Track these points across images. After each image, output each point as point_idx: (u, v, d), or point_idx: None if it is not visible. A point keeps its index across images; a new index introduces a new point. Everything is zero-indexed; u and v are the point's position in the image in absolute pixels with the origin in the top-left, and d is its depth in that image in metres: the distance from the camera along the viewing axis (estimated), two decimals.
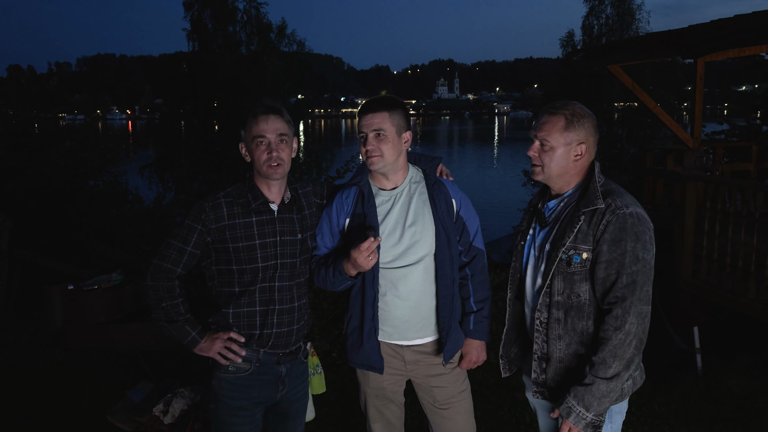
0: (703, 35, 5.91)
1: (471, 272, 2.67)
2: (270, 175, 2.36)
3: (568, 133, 2.18)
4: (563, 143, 2.18)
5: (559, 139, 2.18)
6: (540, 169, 2.24)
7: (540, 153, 2.22)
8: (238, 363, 2.40)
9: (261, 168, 2.36)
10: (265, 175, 2.37)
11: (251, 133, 2.35)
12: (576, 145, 2.19)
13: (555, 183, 2.26)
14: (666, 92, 23.40)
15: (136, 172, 21.18)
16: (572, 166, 2.21)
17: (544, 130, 2.20)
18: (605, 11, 27.72)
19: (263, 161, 2.34)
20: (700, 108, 6.98)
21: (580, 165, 2.22)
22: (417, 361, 2.63)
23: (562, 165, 2.20)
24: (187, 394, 3.57)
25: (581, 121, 2.18)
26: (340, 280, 2.46)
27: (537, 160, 2.24)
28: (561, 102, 2.23)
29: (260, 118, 2.34)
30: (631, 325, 2.03)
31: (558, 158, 2.19)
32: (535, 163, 2.25)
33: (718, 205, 5.92)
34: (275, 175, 2.36)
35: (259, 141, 2.34)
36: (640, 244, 2.07)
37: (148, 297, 2.38)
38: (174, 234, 2.38)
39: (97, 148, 10.45)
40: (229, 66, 21.09)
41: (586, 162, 2.23)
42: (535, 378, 2.31)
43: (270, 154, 2.34)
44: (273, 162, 2.34)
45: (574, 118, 2.18)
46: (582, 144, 2.20)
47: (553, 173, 2.22)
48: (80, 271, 5.86)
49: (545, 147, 2.20)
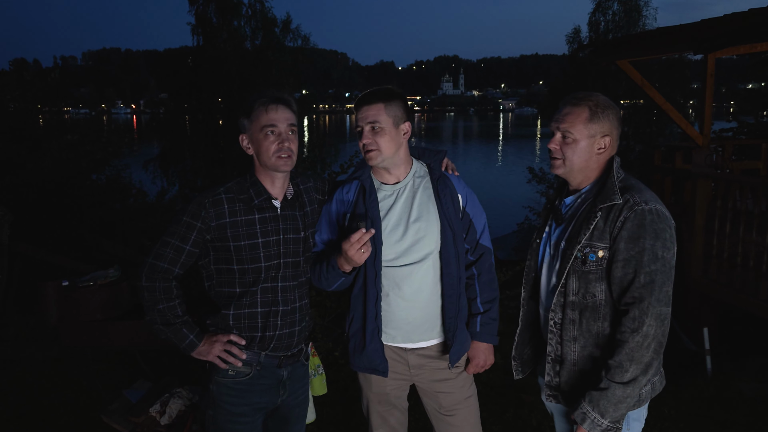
0: (717, 30, 5.78)
1: (478, 271, 2.56)
2: (279, 167, 2.24)
3: (592, 124, 2.08)
4: (587, 135, 2.08)
5: (583, 131, 2.08)
6: (561, 162, 2.13)
7: (561, 145, 2.12)
8: (239, 367, 2.28)
9: (269, 159, 2.23)
10: (273, 167, 2.25)
11: (260, 122, 2.23)
12: (600, 138, 2.09)
13: (575, 178, 2.16)
14: (672, 90, 23.24)
15: (141, 167, 21.13)
16: (594, 159, 2.11)
17: (567, 122, 2.09)
18: (612, 7, 27.56)
19: (273, 152, 2.22)
20: (710, 105, 6.85)
21: (602, 159, 2.12)
22: (422, 365, 2.53)
23: (584, 158, 2.10)
24: (184, 394, 3.49)
25: (605, 113, 2.08)
26: (333, 276, 2.35)
27: (558, 153, 2.13)
28: (583, 93, 2.12)
29: (270, 107, 2.23)
30: (649, 327, 1.93)
31: (581, 151, 2.09)
32: (555, 156, 2.14)
33: (729, 204, 5.80)
34: (284, 167, 2.25)
35: (270, 131, 2.22)
36: (660, 242, 1.96)
37: (143, 298, 2.25)
38: (171, 231, 2.24)
39: (99, 141, 10.34)
40: (234, 61, 21.00)
41: (609, 156, 2.13)
42: (548, 381, 2.21)
43: (281, 144, 2.22)
44: (284, 153, 2.23)
45: (598, 109, 2.07)
46: (606, 137, 2.10)
47: (575, 167, 2.12)
48: (80, 265, 5.79)
49: (567, 139, 2.10)
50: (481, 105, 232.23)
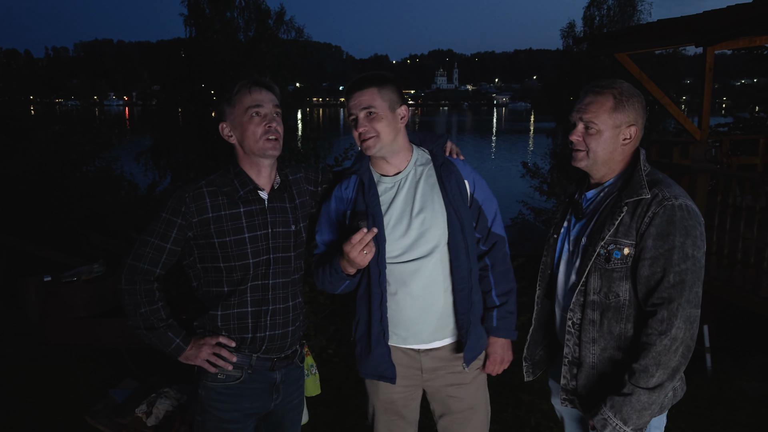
0: (719, 21, 5.68)
1: (491, 262, 2.39)
2: (267, 151, 2.09)
3: (617, 114, 1.95)
4: (611, 125, 1.96)
5: (608, 121, 1.95)
6: (584, 154, 2.00)
7: (585, 137, 1.99)
8: (229, 370, 2.15)
9: (256, 143, 2.08)
10: (260, 151, 2.09)
11: (243, 104, 2.08)
12: (626, 128, 1.97)
13: (598, 170, 2.03)
14: (666, 85, 23.23)
15: (132, 159, 20.94)
16: (619, 151, 1.99)
17: (590, 111, 1.96)
18: (607, 2, 27.64)
19: (260, 135, 2.07)
20: (709, 99, 6.76)
21: (628, 150, 2.00)
22: (436, 369, 2.37)
23: (609, 150, 1.98)
24: (172, 394, 3.36)
25: (631, 101, 1.96)
26: (337, 280, 2.21)
27: (581, 145, 2.00)
28: (606, 81, 1.99)
29: (254, 89, 2.09)
30: (678, 330, 1.81)
31: (605, 142, 1.97)
32: (578, 148, 2.01)
33: (730, 199, 5.71)
34: (273, 151, 2.10)
35: (255, 112, 2.08)
36: (690, 240, 1.85)
37: (123, 302, 2.11)
38: (150, 230, 2.09)
39: (88, 132, 10.17)
40: (227, 52, 20.85)
41: (634, 147, 2.01)
42: (564, 384, 2.09)
43: (269, 125, 2.08)
44: (272, 135, 2.08)
45: (623, 97, 1.95)
46: (632, 126, 1.98)
47: (599, 159, 1.99)
48: (68, 259, 5.65)
49: (591, 130, 1.97)
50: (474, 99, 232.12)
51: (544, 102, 27.98)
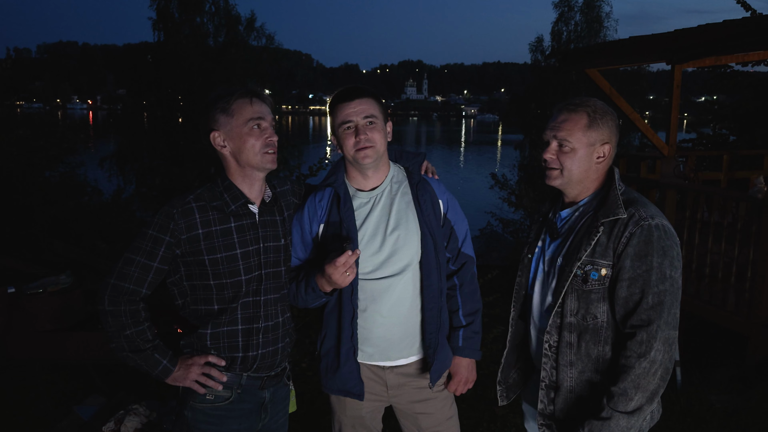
0: (688, 40, 5.81)
1: (460, 282, 2.40)
2: (266, 164, 2.05)
3: (592, 132, 1.94)
4: (586, 144, 1.95)
5: (582, 139, 1.94)
6: (558, 173, 1.99)
7: (559, 155, 1.97)
8: (218, 390, 2.06)
9: (255, 156, 2.04)
10: (258, 165, 2.05)
11: (244, 115, 2.03)
12: (600, 146, 1.96)
13: (573, 189, 2.02)
14: (631, 100, 23.75)
15: (96, 164, 20.49)
16: (594, 169, 1.98)
17: (564, 129, 1.95)
18: (574, 18, 28.29)
19: (260, 148, 2.03)
20: (677, 115, 6.93)
21: (602, 168, 2.00)
22: (401, 385, 2.36)
23: (584, 168, 1.97)
24: (141, 410, 3.25)
25: (604, 119, 1.95)
26: (313, 297, 2.17)
27: (555, 163, 1.99)
28: (579, 98, 1.98)
29: (255, 100, 2.05)
30: (657, 353, 1.80)
31: (579, 160, 1.96)
32: (552, 167, 1.99)
33: (698, 215, 5.82)
34: (271, 165, 2.07)
35: (256, 124, 2.04)
36: (668, 260, 1.84)
37: (106, 324, 2.00)
38: (134, 247, 1.99)
39: (53, 136, 9.87)
40: (196, 58, 20.60)
41: (607, 165, 2.01)
42: (542, 409, 2.05)
43: (270, 138, 2.05)
44: (271, 149, 2.05)
45: (597, 115, 1.94)
46: (606, 144, 1.97)
47: (573, 177, 1.98)
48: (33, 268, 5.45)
49: (565, 148, 1.96)
50: (443, 110, 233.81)
51: (512, 114, 28.35)
